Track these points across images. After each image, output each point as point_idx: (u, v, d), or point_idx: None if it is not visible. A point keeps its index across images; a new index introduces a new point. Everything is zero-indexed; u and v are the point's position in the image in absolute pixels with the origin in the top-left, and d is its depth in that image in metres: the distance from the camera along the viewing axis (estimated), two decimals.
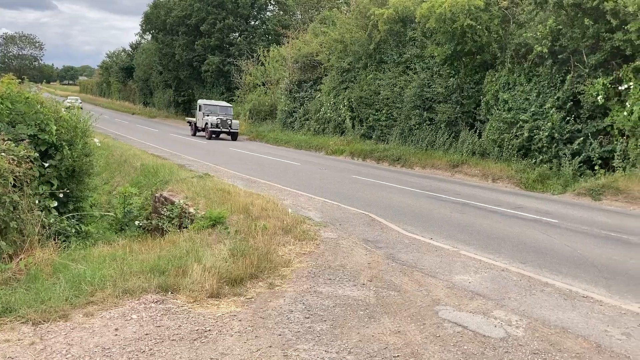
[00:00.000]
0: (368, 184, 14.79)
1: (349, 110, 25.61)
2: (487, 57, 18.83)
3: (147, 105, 59.95)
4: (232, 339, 4.50)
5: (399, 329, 4.82)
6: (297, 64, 30.45)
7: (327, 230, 8.53)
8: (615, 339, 4.83)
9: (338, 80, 26.74)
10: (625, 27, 14.18)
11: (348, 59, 25.63)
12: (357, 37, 24.78)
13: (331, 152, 24.22)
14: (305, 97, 29.93)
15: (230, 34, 43.98)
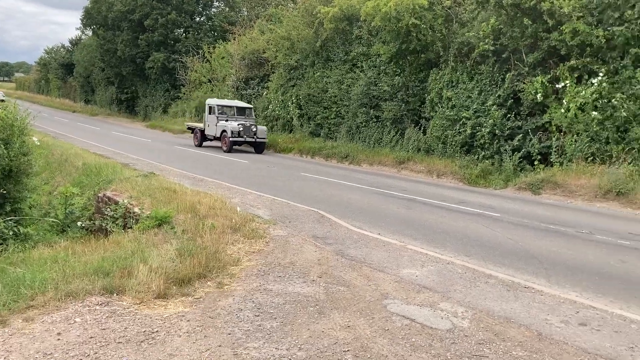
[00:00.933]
0: (317, 181, 14.84)
1: (297, 107, 25.61)
2: (431, 56, 19.22)
3: (88, 103, 58.09)
4: (180, 340, 4.42)
5: (348, 323, 4.86)
6: (244, 61, 30.18)
7: (277, 228, 8.50)
8: (554, 327, 5.02)
9: (286, 78, 26.68)
10: (561, 28, 14.77)
11: (295, 57, 25.61)
12: (303, 34, 24.79)
13: (280, 149, 24.17)
14: (253, 95, 29.73)
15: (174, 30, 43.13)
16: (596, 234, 9.42)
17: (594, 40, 14.20)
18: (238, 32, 33.32)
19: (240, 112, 24.22)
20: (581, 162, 14.37)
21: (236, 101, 26.32)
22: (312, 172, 17.08)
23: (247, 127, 22.64)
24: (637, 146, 13.50)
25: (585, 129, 14.46)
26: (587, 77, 14.79)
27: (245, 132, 22.57)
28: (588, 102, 14.40)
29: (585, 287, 6.36)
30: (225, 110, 24.24)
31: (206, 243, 6.89)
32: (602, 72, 14.33)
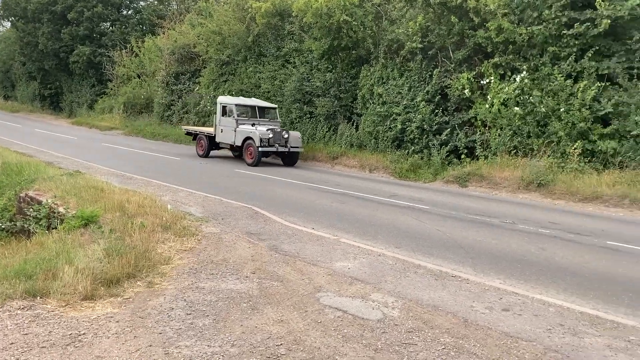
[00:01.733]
0: (251, 177, 14.76)
1: None
2: (362, 53, 19.50)
3: (8, 99, 55.01)
4: (109, 341, 4.30)
5: (282, 318, 4.89)
6: (174, 56, 29.53)
7: (209, 225, 8.41)
8: (480, 313, 5.24)
9: (217, 73, 26.33)
10: (486, 25, 15.35)
11: (227, 52, 25.31)
12: (235, 29, 24.54)
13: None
14: (184, 90, 29.14)
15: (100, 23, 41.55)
16: (519, 224, 9.88)
17: (517, 38, 14.86)
18: (167, 26, 32.56)
19: (262, 114, 19.26)
20: (505, 155, 15.02)
21: (255, 99, 20.88)
22: (246, 168, 16.97)
23: (278, 133, 17.57)
24: (555, 139, 14.25)
25: (508, 124, 15.11)
26: (509, 74, 15.46)
27: (276, 139, 17.47)
28: (511, 98, 15.06)
29: (509, 275, 6.67)
30: (245, 110, 19.22)
31: (135, 242, 6.72)
32: (524, 69, 15.02)
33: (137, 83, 34.77)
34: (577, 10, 14.19)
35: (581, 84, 13.92)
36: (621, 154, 13.40)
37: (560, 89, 14.19)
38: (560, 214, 11.39)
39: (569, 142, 13.94)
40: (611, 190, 12.46)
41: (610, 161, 13.57)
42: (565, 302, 5.66)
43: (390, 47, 18.38)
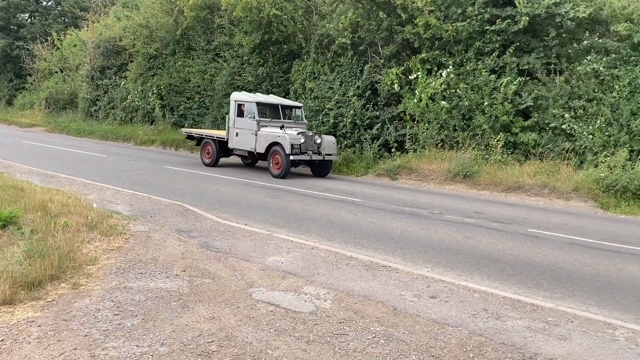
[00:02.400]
0: (182, 174, 14.47)
1: (159, 98, 24.72)
2: (293, 47, 19.50)
3: None
4: (30, 347, 4.11)
5: (213, 315, 4.83)
6: (99, 49, 28.48)
7: (137, 224, 8.18)
8: (408, 301, 5.39)
9: (145, 67, 25.61)
10: (414, 22, 15.71)
11: (155, 45, 24.65)
12: (163, 22, 23.94)
13: (141, 142, 23.19)
14: (110, 85, 28.16)
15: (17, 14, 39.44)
16: (446, 214, 10.21)
17: (443, 34, 15.29)
18: (92, 19, 31.31)
19: (286, 113, 16.06)
20: (432, 148, 15.47)
21: (275, 97, 17.63)
22: (176, 164, 16.63)
23: (309, 137, 14.65)
24: (480, 132, 14.80)
25: (436, 118, 15.56)
26: (436, 69, 15.91)
27: (308, 145, 14.52)
28: (438, 93, 15.51)
29: (436, 263, 6.88)
30: (266, 110, 15.98)
31: (59, 243, 6.44)
32: (450, 65, 15.49)
33: (59, 78, 33.27)
34: (499, 7, 14.78)
35: (504, 78, 14.53)
36: (540, 146, 14.09)
37: (484, 84, 14.75)
38: (485, 203, 11.87)
39: (493, 135, 14.52)
40: (532, 180, 13.09)
41: (531, 152, 14.25)
42: (489, 288, 5.91)
43: (321, 42, 18.49)
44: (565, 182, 12.74)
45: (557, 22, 14.23)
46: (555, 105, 14.03)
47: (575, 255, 7.58)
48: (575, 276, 6.56)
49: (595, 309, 5.48)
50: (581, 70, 13.90)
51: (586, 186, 12.33)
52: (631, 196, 11.67)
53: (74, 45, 32.29)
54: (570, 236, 8.77)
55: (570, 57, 14.63)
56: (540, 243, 8.21)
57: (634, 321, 5.16)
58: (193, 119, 23.29)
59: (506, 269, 6.72)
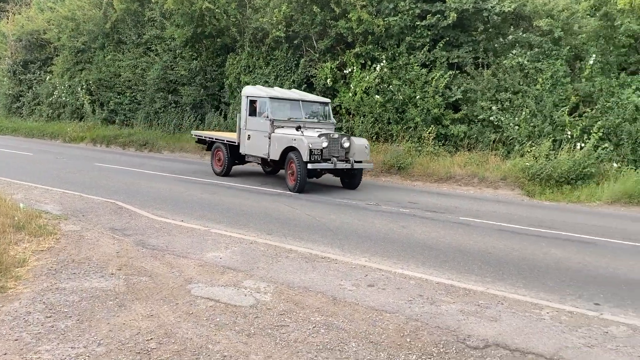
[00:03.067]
0: (114, 171, 14.06)
1: (88, 93, 23.85)
2: (227, 41, 19.28)
3: None
4: None
5: (151, 312, 4.76)
6: (21, 42, 27.10)
7: (69, 223, 7.91)
8: (347, 290, 5.49)
9: (72, 61, 24.63)
10: (347, 16, 15.88)
11: (82, 38, 23.73)
12: (90, 15, 23.07)
13: (70, 139, 22.32)
14: (34, 80, 26.91)
15: None
16: (382, 205, 10.44)
17: (375, 29, 15.54)
18: (12, 10, 29.70)
19: (310, 111, 13.06)
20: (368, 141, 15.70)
21: (297, 91, 14.72)
22: (108, 161, 16.13)
23: (334, 140, 11.71)
24: (412, 125, 15.17)
25: (370, 111, 15.82)
26: (370, 63, 16.16)
27: (332, 150, 11.62)
28: (372, 87, 15.77)
29: (373, 253, 7.04)
30: (284, 107, 12.81)
31: None
32: (383, 59, 15.77)
33: None
34: (429, 2, 15.17)
35: (435, 72, 14.95)
36: (470, 137, 14.62)
37: (416, 78, 15.12)
38: (419, 194, 12.21)
39: (425, 127, 14.93)
40: (462, 171, 13.57)
41: (461, 144, 14.75)
42: (424, 275, 6.10)
43: (255, 35, 18.38)
44: (494, 171, 13.28)
45: (484, 17, 14.77)
46: (483, 98, 14.57)
47: (504, 241, 7.94)
48: (504, 261, 6.88)
49: (523, 290, 5.77)
50: (507, 64, 14.50)
51: (513, 175, 12.90)
52: (555, 184, 12.31)
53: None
54: (499, 223, 9.17)
55: (496, 51, 15.22)
56: (471, 230, 8.54)
57: (558, 301, 5.48)
58: (125, 115, 22.64)
59: (440, 256, 6.96)
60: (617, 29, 13.49)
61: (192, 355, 3.99)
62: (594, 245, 7.88)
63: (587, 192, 11.79)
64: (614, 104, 13.00)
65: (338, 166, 11.49)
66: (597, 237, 8.33)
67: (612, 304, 5.46)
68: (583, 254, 7.31)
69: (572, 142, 13.17)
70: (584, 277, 6.32)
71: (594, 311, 5.21)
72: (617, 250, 7.60)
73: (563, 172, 12.24)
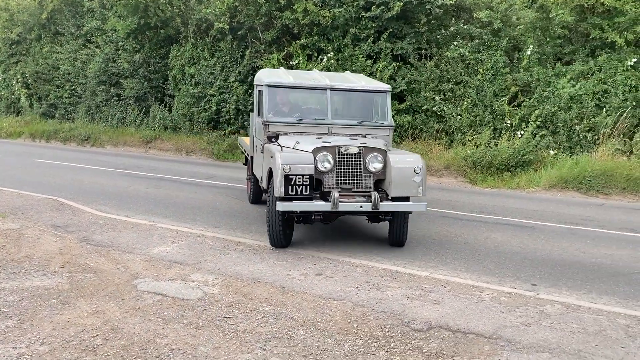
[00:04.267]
0: (55, 167, 13.62)
1: (24, 87, 22.92)
2: (171, 32, 18.89)
3: None
4: None
5: (97, 309, 4.69)
6: None
7: (7, 221, 7.65)
8: (296, 280, 5.56)
9: (7, 54, 23.62)
10: (292, 7, 15.84)
11: (17, 30, 22.74)
12: (25, 5, 22.14)
13: (6, 134, 21.44)
14: None
15: None
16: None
17: (321, 20, 15.57)
18: None
19: (344, 107, 8.05)
20: None
21: (321, 73, 8.81)
22: (49, 157, 15.59)
23: (349, 158, 6.66)
24: None
25: None
26: (316, 55, 16.19)
27: (344, 175, 6.66)
28: None
29: (322, 242, 7.13)
30: (299, 101, 8.13)
31: None
32: (329, 50, 15.84)
33: None
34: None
35: (379, 64, 15.13)
36: (415, 127, 14.91)
37: (362, 69, 15.25)
38: None
39: None
40: None
41: (405, 134, 15.02)
42: (370, 262, 6.24)
43: (199, 26, 18.08)
44: (438, 160, 13.60)
45: (427, 9, 15.03)
46: (426, 89, 14.87)
47: (446, 227, 8.19)
48: (447, 246, 7.11)
49: (465, 274, 5.99)
50: (449, 55, 14.83)
51: (456, 163, 13.25)
52: (495, 171, 12.73)
53: None
54: (442, 210, 9.43)
55: (439, 43, 15.53)
56: (415, 218, 8.73)
57: (498, 282, 5.72)
58: (65, 109, 21.89)
59: (384, 244, 7.12)
60: (553, 21, 14.01)
61: (139, 349, 3.97)
62: (531, 229, 8.23)
63: (526, 179, 12.26)
64: (550, 94, 13.52)
65: (343, 208, 6.36)
66: (534, 222, 8.71)
67: (548, 283, 5.74)
68: (521, 238, 7.64)
69: (511, 131, 13.63)
70: (521, 259, 6.61)
71: (531, 291, 5.47)
72: (553, 233, 7.97)
73: (503, 159, 12.67)
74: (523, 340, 4.29)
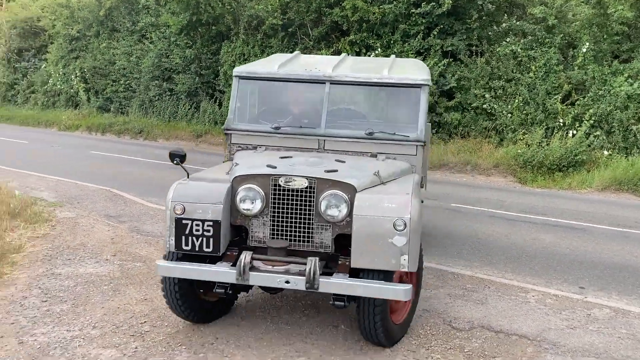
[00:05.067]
0: (109, 159, 14.11)
1: (83, 81, 23.80)
2: (222, 28, 19.23)
3: None
4: None
5: (145, 297, 4.87)
6: (15, 30, 26.98)
7: (64, 210, 8.00)
8: None
9: (67, 49, 24.54)
10: (342, 4, 15.87)
11: (77, 26, 23.64)
12: (85, 2, 22.99)
13: (65, 127, 22.28)
14: (29, 68, 26.81)
15: None
16: None
17: (370, 16, 15.54)
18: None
19: (346, 110, 5.29)
20: None
21: (323, 58, 6.83)
22: (103, 149, 16.15)
23: (302, 193, 4.01)
24: None
25: None
26: (365, 51, 16.17)
27: (286, 222, 4.05)
28: None
29: None
30: (284, 99, 5.53)
31: None
32: (378, 47, 15.79)
33: None
34: None
35: (429, 60, 14.96)
36: (463, 125, 14.70)
37: None
38: None
39: None
40: (455, 158, 13.66)
41: (454, 132, 14.83)
42: None
43: (250, 23, 18.34)
44: (487, 159, 13.37)
45: (479, 5, 14.77)
46: (476, 86, 14.62)
47: (494, 227, 8.06)
48: (493, 246, 7.00)
49: (510, 275, 5.89)
50: (500, 52, 14.54)
51: (505, 162, 12.99)
52: (546, 171, 12.41)
53: None
54: (490, 209, 9.28)
55: (490, 39, 15.24)
56: (462, 216, 8.65)
57: (544, 284, 5.61)
58: (120, 103, 22.62)
59: (430, 241, 7.07)
60: (611, 17, 13.53)
61: (184, 337, 4.10)
62: (582, 231, 8.01)
63: (578, 179, 11.91)
64: (605, 92, 13.07)
65: (256, 281, 3.87)
66: (585, 223, 8.46)
67: (597, 287, 5.59)
68: (571, 239, 7.44)
69: (564, 130, 13.26)
70: (570, 261, 6.45)
71: (578, 294, 5.34)
72: (603, 236, 7.73)
73: (555, 159, 12.34)
74: (568, 343, 4.20)
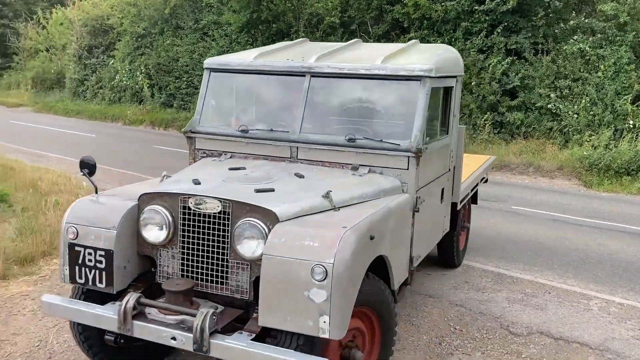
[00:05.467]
0: (171, 154, 14.52)
1: (147, 77, 24.59)
2: (282, 26, 19.44)
3: None
4: (24, 319, 4.26)
5: None
6: (86, 28, 28.17)
7: None
8: None
9: (133, 46, 25.42)
10: (403, 1, 15.73)
11: (143, 24, 24.45)
12: (151, 1, 23.74)
13: (129, 122, 23.09)
14: (98, 64, 27.92)
15: None
16: None
17: (432, 14, 15.32)
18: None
19: (342, 110, 4.14)
20: None
21: (314, 45, 5.28)
22: (166, 144, 16.63)
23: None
24: (467, 112, 14.94)
25: None
26: None
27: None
28: None
29: None
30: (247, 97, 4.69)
31: (50, 220, 6.55)
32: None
33: (45, 57, 32.91)
34: None
35: (492, 58, 14.62)
36: (526, 125, 14.27)
37: (472, 64, 14.83)
38: None
39: (480, 114, 14.65)
40: (517, 159, 13.28)
41: (516, 132, 14.42)
42: (471, 262, 6.09)
43: (310, 21, 18.45)
44: (550, 160, 12.93)
45: (546, 2, 14.30)
46: (541, 85, 14.16)
47: (556, 230, 7.78)
48: (555, 251, 6.77)
49: (572, 281, 5.68)
50: (567, 50, 14.02)
51: (570, 165, 12.52)
52: (614, 174, 11.88)
53: (60, 24, 31.90)
54: (553, 213, 8.97)
55: (557, 37, 14.72)
56: (523, 219, 8.41)
57: (608, 292, 5.38)
58: (182, 99, 23.25)
59: (488, 244, 6.91)
60: None
61: None
62: None
63: None
64: None
65: (140, 333, 2.96)
66: None
67: None
68: (638, 246, 7.10)
69: (634, 132, 12.66)
70: (637, 269, 6.15)
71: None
72: None
73: (623, 162, 11.80)
74: (633, 354, 4.02)
